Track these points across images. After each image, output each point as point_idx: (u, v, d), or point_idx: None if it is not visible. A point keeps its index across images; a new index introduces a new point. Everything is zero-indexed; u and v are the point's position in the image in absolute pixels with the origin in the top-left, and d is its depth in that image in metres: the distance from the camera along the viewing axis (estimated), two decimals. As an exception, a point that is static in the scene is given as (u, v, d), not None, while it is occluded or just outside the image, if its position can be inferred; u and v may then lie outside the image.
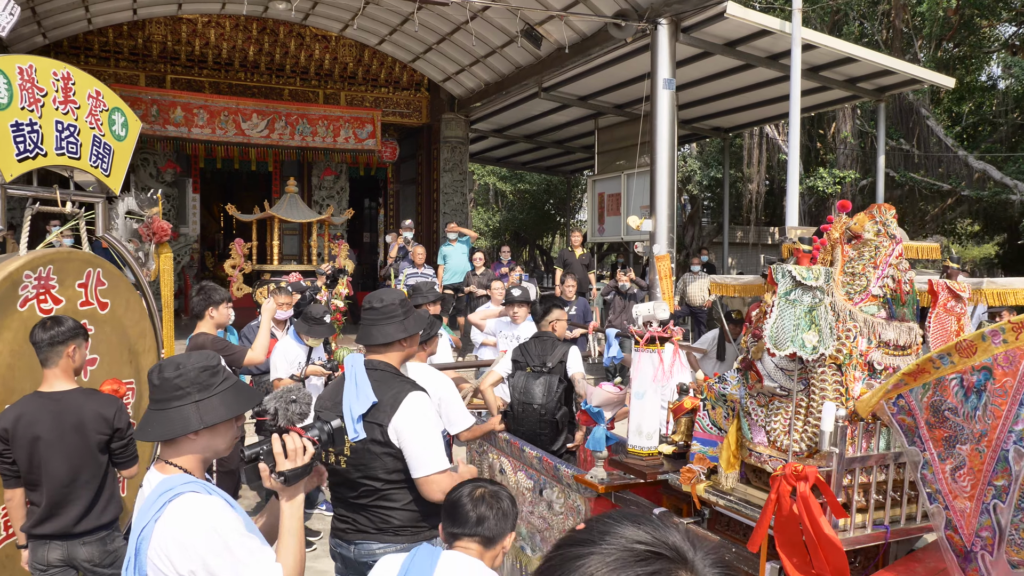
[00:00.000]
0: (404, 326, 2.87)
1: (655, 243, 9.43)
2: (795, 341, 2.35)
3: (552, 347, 4.59)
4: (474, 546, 2.14)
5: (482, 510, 2.16)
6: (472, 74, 13.79)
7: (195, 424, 1.96)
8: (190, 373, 2.01)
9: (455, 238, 11.54)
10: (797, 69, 8.90)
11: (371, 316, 2.86)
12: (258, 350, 5.00)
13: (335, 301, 8.71)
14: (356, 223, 20.78)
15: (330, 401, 2.86)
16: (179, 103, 13.17)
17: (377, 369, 2.80)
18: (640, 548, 0.83)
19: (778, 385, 2.56)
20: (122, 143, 4.64)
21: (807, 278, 2.37)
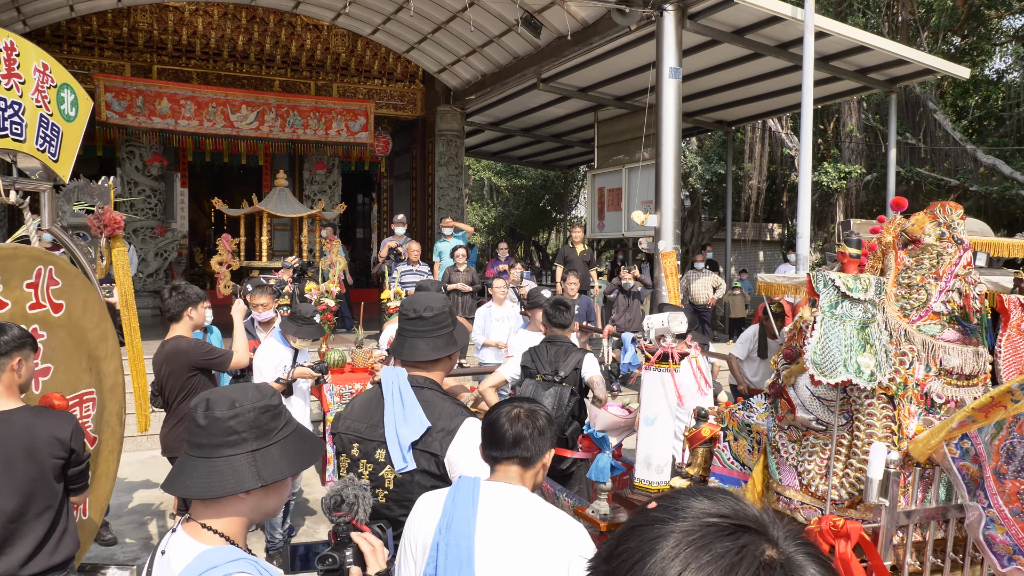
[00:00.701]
0: (455, 338, 2.55)
1: (660, 239, 9.04)
2: (848, 365, 1.94)
3: (565, 353, 4.16)
4: (513, 468, 2.05)
5: (518, 429, 2.03)
6: (468, 65, 13.37)
7: (250, 481, 1.55)
8: (248, 414, 1.59)
9: (451, 233, 11.14)
10: (810, 57, 8.49)
11: (418, 327, 2.49)
12: (241, 351, 4.63)
13: (325, 300, 8.32)
14: (349, 219, 20.38)
15: (363, 422, 2.46)
16: (165, 94, 12.74)
17: (424, 388, 2.44)
18: (723, 522, 0.79)
19: (814, 418, 2.17)
20: (72, 124, 4.14)
21: (854, 289, 1.97)
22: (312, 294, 8.00)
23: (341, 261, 10.73)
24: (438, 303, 2.54)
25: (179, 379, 4.36)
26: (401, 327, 2.53)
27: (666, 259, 9.15)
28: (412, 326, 2.49)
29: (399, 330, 2.55)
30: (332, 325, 8.35)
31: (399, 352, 2.51)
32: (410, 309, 2.51)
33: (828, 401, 2.14)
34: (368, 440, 2.43)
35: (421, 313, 2.48)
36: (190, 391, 4.40)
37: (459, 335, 2.58)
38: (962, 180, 15.26)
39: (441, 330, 2.50)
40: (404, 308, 2.53)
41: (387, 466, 2.35)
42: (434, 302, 2.53)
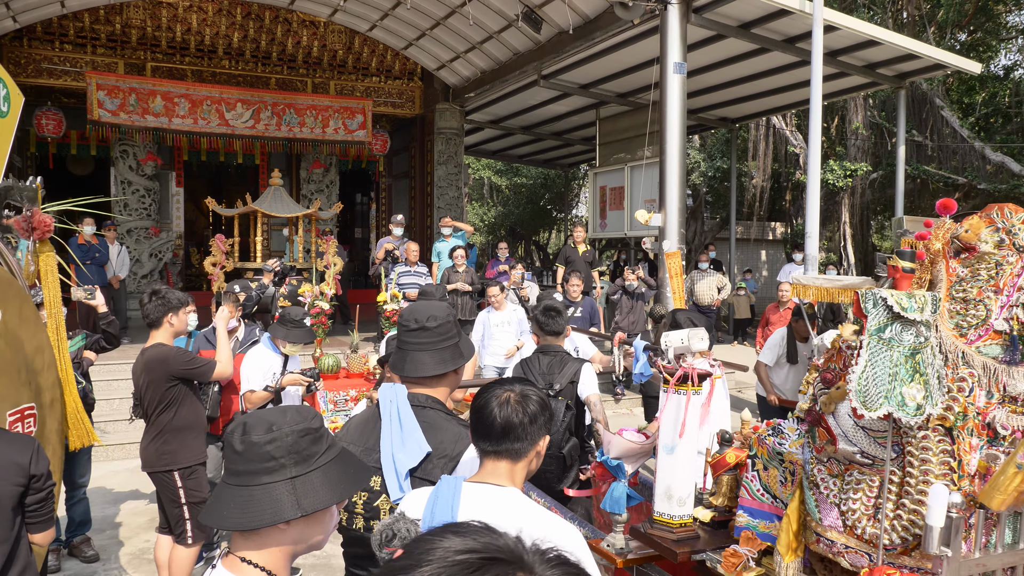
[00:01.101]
0: (461, 350, 2.31)
1: (665, 239, 8.80)
2: (890, 397, 1.70)
3: (561, 364, 3.85)
4: (503, 464, 1.84)
5: (507, 415, 1.83)
6: (468, 61, 13.12)
7: (289, 511, 1.41)
8: (286, 438, 1.44)
9: (450, 233, 10.89)
10: (819, 51, 8.24)
11: (421, 339, 2.24)
12: (224, 361, 4.39)
13: (319, 303, 8.07)
14: (347, 219, 20.14)
15: (358, 445, 2.23)
16: (159, 92, 12.47)
17: (426, 407, 2.20)
18: (472, 558, 0.76)
19: (859, 450, 1.92)
20: (4, 120, 3.83)
21: (908, 309, 1.72)
22: (306, 296, 7.75)
23: (338, 262, 10.49)
24: (442, 312, 2.30)
25: (159, 390, 4.12)
26: (401, 339, 2.27)
27: (671, 259, 8.92)
28: (414, 338, 2.24)
29: (399, 343, 2.29)
30: (327, 329, 8.10)
31: (400, 368, 2.26)
32: (411, 319, 2.26)
33: (875, 432, 1.89)
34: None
35: (424, 323, 2.23)
36: (170, 402, 4.16)
37: (465, 347, 2.35)
38: (970, 178, 15.01)
39: (446, 341, 2.26)
40: (404, 318, 2.28)
41: (383, 495, 2.11)
42: (437, 311, 2.29)
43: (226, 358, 4.41)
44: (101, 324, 4.90)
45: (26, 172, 13.98)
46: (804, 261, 8.71)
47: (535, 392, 1.90)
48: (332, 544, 5.26)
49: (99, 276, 10.07)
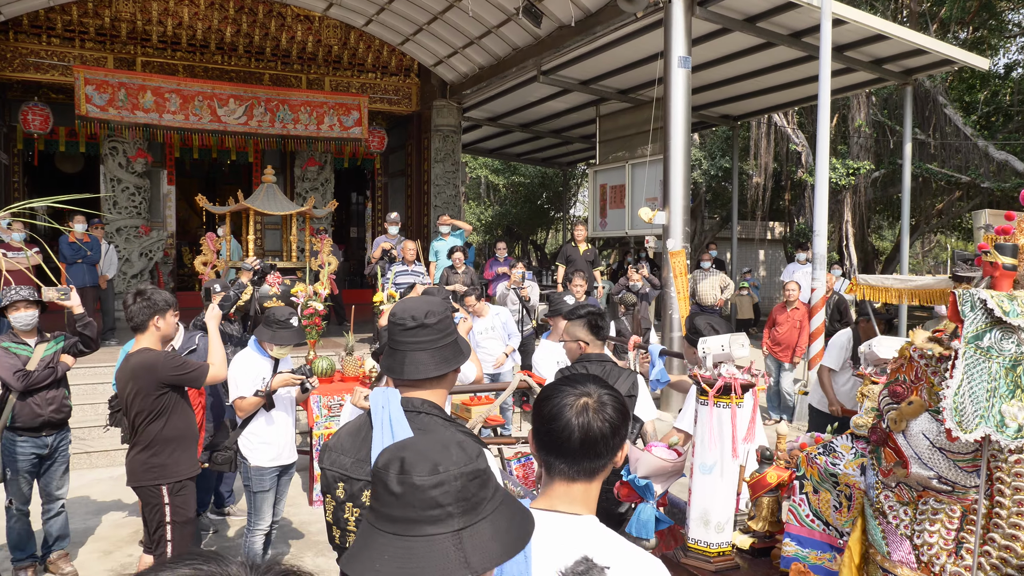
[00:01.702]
0: (460, 349, 2.09)
1: (669, 237, 8.55)
2: (988, 417, 1.44)
3: (611, 376, 3.33)
4: (578, 486, 1.57)
5: (586, 423, 1.54)
6: (465, 57, 12.85)
7: (457, 570, 1.13)
8: (455, 482, 1.17)
9: (448, 232, 10.62)
10: (827, 45, 7.99)
11: (420, 338, 2.02)
12: (219, 364, 4.09)
13: (313, 303, 7.79)
14: (343, 217, 19.87)
15: (350, 456, 2.02)
16: (149, 87, 12.19)
17: (421, 412, 1.99)
18: None
19: (936, 475, 1.66)
20: None
21: (1010, 313, 1.47)
22: (299, 297, 7.47)
23: (333, 261, 10.21)
24: (439, 306, 2.08)
25: (148, 398, 3.82)
26: (396, 339, 2.04)
27: (675, 258, 8.68)
28: (412, 336, 2.01)
29: (391, 343, 2.06)
30: (321, 330, 7.83)
31: (395, 370, 2.03)
32: (407, 316, 2.02)
33: (955, 454, 1.63)
34: (354, 479, 1.97)
35: (423, 320, 2.01)
36: (160, 412, 3.86)
37: (463, 343, 2.13)
38: (973, 176, 14.81)
39: (446, 338, 2.04)
40: (400, 316, 2.04)
41: None
42: (435, 306, 2.07)
43: (220, 360, 4.11)
44: (77, 326, 4.63)
45: (13, 169, 13.68)
46: (813, 260, 8.47)
47: (612, 396, 1.63)
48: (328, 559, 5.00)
49: (91, 275, 9.79)
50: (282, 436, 4.68)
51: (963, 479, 1.64)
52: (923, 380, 1.71)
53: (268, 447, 4.60)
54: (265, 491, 4.61)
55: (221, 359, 4.12)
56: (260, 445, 4.59)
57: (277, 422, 4.66)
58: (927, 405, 1.69)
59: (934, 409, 1.67)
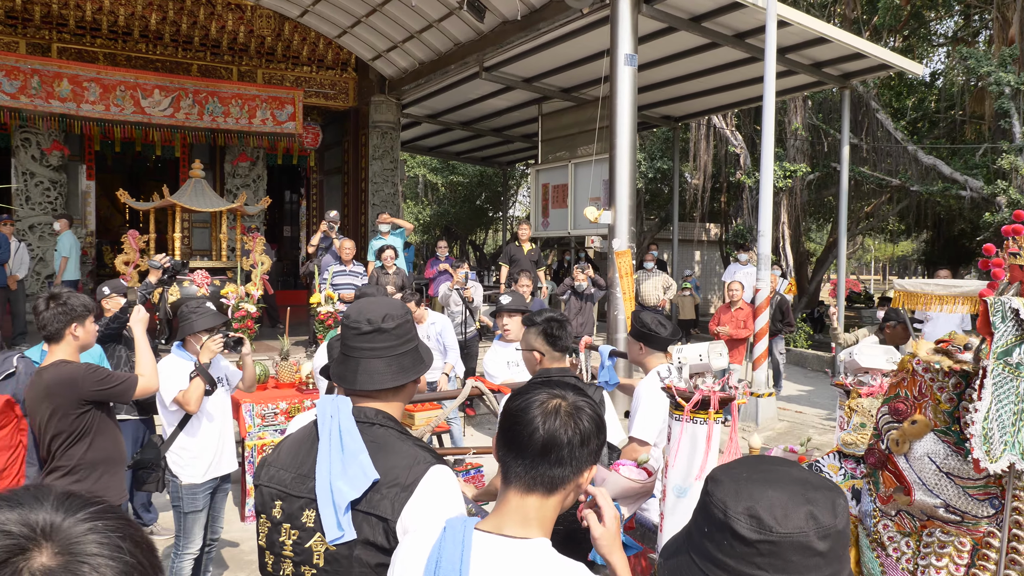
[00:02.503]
0: (421, 357, 1.89)
1: (615, 237, 8.41)
2: (1013, 444, 1.27)
3: None
4: (533, 498, 1.41)
5: (552, 427, 1.41)
6: (405, 52, 12.52)
7: None
8: None
9: (387, 230, 10.27)
10: (772, 46, 8.00)
11: (377, 344, 1.80)
12: (150, 374, 3.64)
13: (245, 305, 7.39)
14: (277, 216, 19.27)
15: (290, 471, 1.78)
16: (66, 75, 11.48)
17: (374, 424, 1.76)
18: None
19: (943, 503, 1.49)
20: None
21: (1044, 325, 1.30)
22: (230, 298, 7.06)
23: (266, 260, 9.78)
24: (398, 310, 1.86)
25: (67, 418, 3.33)
26: (349, 345, 1.81)
27: (621, 258, 8.55)
28: (367, 342, 1.80)
29: (344, 348, 1.83)
30: (253, 334, 7.42)
31: (347, 378, 1.80)
32: (363, 320, 1.80)
33: (965, 480, 1.46)
34: (294, 496, 1.73)
35: (380, 324, 1.79)
36: (82, 433, 3.37)
37: (425, 351, 1.92)
38: (903, 180, 15.18)
39: (406, 345, 1.83)
40: (353, 319, 1.82)
41: (316, 534, 1.67)
42: (393, 308, 1.86)
43: (150, 369, 3.65)
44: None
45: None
46: (758, 260, 8.46)
47: (591, 407, 1.48)
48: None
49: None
50: (215, 444, 4.28)
51: (974, 508, 1.47)
52: (928, 396, 1.54)
53: (199, 460, 4.21)
54: (198, 511, 4.22)
55: (152, 368, 3.67)
56: (191, 460, 4.18)
57: (207, 431, 4.28)
58: (932, 424, 1.51)
59: (940, 429, 1.50)
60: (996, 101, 12.20)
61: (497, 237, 31.27)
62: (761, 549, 0.96)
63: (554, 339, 3.15)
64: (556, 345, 3.16)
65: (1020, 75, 11.65)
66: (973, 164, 14.38)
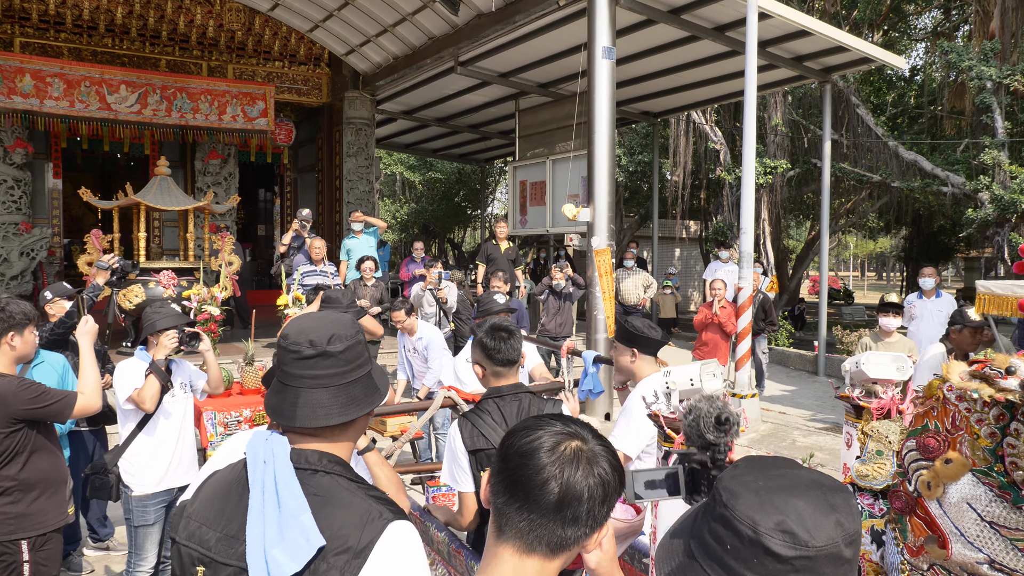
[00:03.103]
0: (375, 386, 1.56)
1: (594, 235, 8.19)
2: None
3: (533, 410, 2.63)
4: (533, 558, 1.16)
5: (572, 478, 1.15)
6: (379, 46, 12.21)
7: None
8: None
9: (360, 229, 9.98)
10: (753, 39, 7.80)
11: (320, 371, 1.48)
12: (91, 392, 3.29)
13: (207, 307, 7.07)
14: (251, 215, 18.88)
15: (214, 528, 1.45)
16: (28, 70, 11.06)
17: (318, 471, 1.44)
18: None
19: (986, 558, 1.26)
20: None
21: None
22: (192, 300, 6.75)
23: (235, 260, 9.45)
24: (348, 328, 1.53)
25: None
26: (288, 372, 1.49)
27: (600, 256, 8.33)
28: (309, 369, 1.47)
29: (281, 376, 1.51)
30: (217, 337, 7.11)
31: (286, 413, 1.48)
32: (303, 341, 1.48)
33: (1012, 531, 1.23)
34: (220, 563, 1.42)
35: (325, 347, 1.47)
36: (15, 452, 3.08)
37: (379, 377, 1.59)
38: (884, 176, 15.09)
39: (356, 371, 1.51)
40: (292, 340, 1.49)
41: None
42: (341, 327, 1.52)
43: (92, 387, 3.31)
44: None
45: None
46: (740, 258, 8.27)
47: (609, 451, 1.22)
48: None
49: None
50: (170, 451, 3.98)
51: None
52: (964, 430, 1.31)
53: (151, 470, 3.92)
54: (148, 525, 3.93)
55: (94, 386, 3.32)
56: (143, 470, 3.90)
57: (165, 432, 3.97)
58: (970, 464, 1.28)
59: (980, 470, 1.27)
60: (977, 96, 12.11)
61: (476, 235, 31.00)
62: (797, 565, 0.91)
63: (491, 352, 2.68)
64: (495, 358, 2.68)
65: (1002, 69, 11.56)
66: (954, 160, 14.32)
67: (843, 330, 11.66)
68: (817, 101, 16.49)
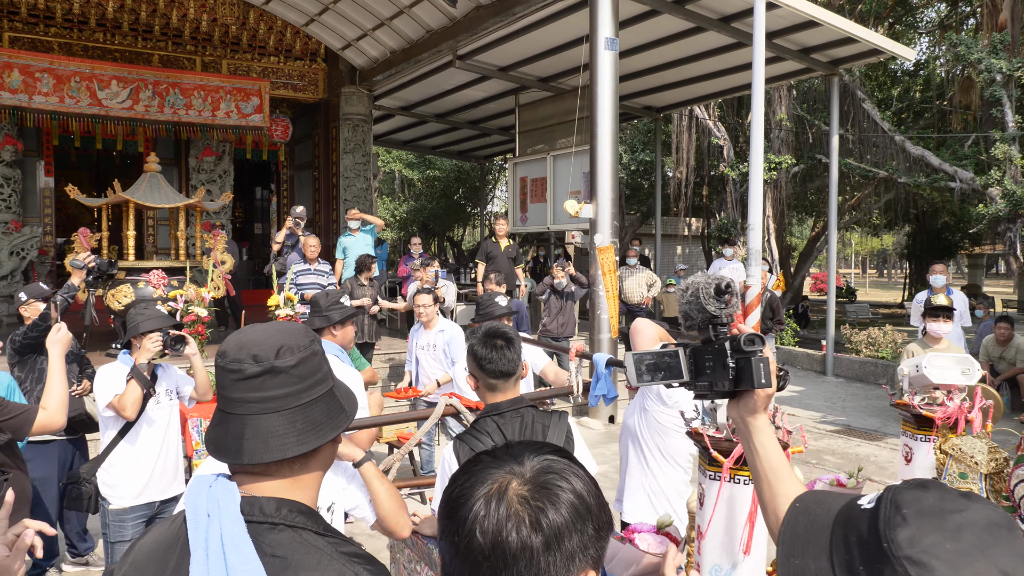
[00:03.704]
0: (340, 405, 1.27)
1: (597, 232, 7.94)
2: None
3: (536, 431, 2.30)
4: None
5: (499, 526, 0.88)
6: (376, 40, 11.96)
7: None
8: None
9: (357, 227, 9.73)
10: (761, 28, 7.53)
11: (267, 390, 1.19)
12: (54, 408, 2.96)
13: (195, 308, 6.82)
14: (247, 213, 18.64)
15: None
16: (16, 64, 10.81)
17: (277, 524, 1.14)
18: None
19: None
20: None
21: None
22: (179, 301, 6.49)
23: (228, 259, 9.20)
24: (300, 337, 1.25)
25: None
26: (229, 397, 1.20)
27: (603, 254, 8.09)
28: (255, 391, 1.18)
29: (223, 403, 1.22)
30: (205, 340, 6.85)
31: (231, 449, 1.18)
32: (245, 357, 1.19)
33: None
34: None
35: (273, 362, 1.18)
36: None
37: (344, 395, 1.30)
38: (891, 171, 14.84)
39: (316, 388, 1.23)
40: (232, 357, 1.21)
41: None
42: (291, 337, 1.24)
43: (56, 401, 2.97)
44: None
45: None
46: (748, 255, 8.01)
47: (569, 477, 0.94)
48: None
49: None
50: (151, 462, 3.73)
51: None
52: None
53: (131, 481, 3.67)
54: (125, 541, 3.69)
55: (59, 401, 2.98)
56: (122, 481, 3.66)
57: (146, 446, 3.72)
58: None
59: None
60: (988, 89, 11.85)
61: (475, 233, 30.75)
62: None
63: (484, 362, 2.30)
64: (488, 370, 2.29)
65: (1012, 61, 11.30)
66: (962, 155, 14.06)
67: (851, 329, 11.40)
68: (822, 96, 16.26)
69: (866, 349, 10.65)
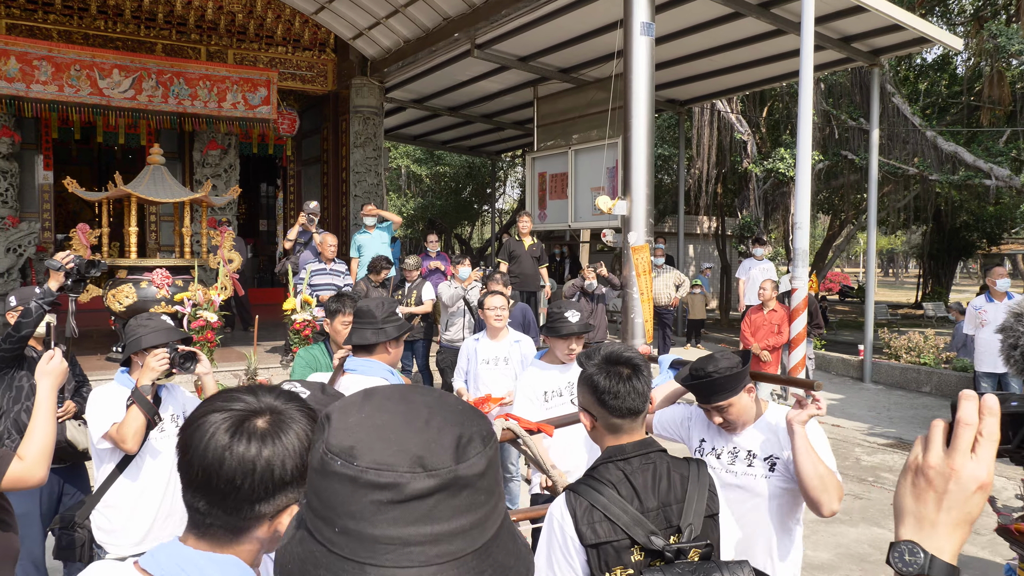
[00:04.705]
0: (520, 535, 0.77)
1: (631, 230, 7.39)
2: None
3: (675, 479, 1.79)
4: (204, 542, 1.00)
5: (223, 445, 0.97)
6: (389, 29, 11.41)
7: None
8: None
9: (373, 223, 9.20)
10: (810, 13, 6.99)
11: (440, 522, 0.65)
12: (33, 458, 2.25)
13: (203, 313, 6.29)
14: (253, 210, 18.11)
15: None
16: (13, 52, 10.28)
17: None
18: None
19: None
20: None
21: None
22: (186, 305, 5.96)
23: (236, 258, 8.67)
24: (476, 421, 0.73)
25: None
26: (365, 533, 0.67)
27: (638, 254, 7.54)
28: (418, 523, 0.65)
29: (344, 541, 0.61)
30: (214, 347, 6.31)
31: None
32: (403, 461, 0.68)
33: None
34: None
35: (456, 469, 0.68)
36: None
37: None
38: (922, 168, 14.28)
39: (498, 510, 0.73)
40: (368, 456, 0.59)
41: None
42: (466, 418, 0.73)
43: (37, 450, 2.26)
44: None
45: None
46: (794, 256, 7.48)
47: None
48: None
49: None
50: (157, 502, 3.11)
51: None
52: None
53: (132, 526, 3.05)
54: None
55: (40, 450, 2.28)
56: (121, 526, 3.06)
57: (149, 483, 3.09)
58: None
59: None
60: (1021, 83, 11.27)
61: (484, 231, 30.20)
62: None
63: (605, 396, 1.81)
64: (611, 406, 1.81)
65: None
66: (996, 151, 13.49)
67: (890, 333, 10.85)
68: (847, 90, 15.69)
69: (906, 355, 10.11)
